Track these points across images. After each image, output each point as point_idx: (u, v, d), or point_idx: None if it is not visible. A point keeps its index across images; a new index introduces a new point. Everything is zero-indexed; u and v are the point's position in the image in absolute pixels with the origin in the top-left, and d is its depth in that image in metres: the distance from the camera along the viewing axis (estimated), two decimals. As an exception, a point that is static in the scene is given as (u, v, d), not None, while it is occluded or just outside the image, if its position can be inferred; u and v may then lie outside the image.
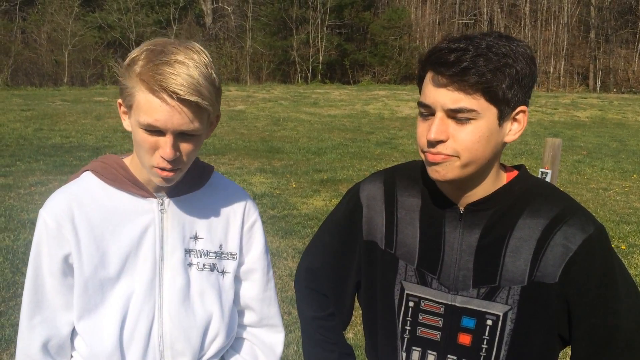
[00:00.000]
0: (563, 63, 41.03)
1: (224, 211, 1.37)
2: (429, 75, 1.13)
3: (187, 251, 1.30)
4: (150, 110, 1.12)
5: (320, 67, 39.77)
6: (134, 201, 1.26)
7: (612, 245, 1.20)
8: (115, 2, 37.12)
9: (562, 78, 40.98)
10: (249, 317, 1.47)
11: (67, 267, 1.22)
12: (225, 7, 42.28)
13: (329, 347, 1.45)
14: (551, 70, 40.73)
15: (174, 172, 1.19)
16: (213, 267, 1.33)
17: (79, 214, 1.22)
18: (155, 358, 1.27)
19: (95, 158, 1.34)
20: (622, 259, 4.55)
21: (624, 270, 1.20)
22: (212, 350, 1.35)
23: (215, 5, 42.79)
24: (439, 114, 1.11)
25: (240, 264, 1.41)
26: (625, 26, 40.45)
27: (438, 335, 1.25)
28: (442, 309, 1.24)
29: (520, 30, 42.49)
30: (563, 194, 1.24)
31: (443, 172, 1.14)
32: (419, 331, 1.27)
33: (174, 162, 1.16)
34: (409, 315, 1.28)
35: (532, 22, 43.12)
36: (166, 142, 1.14)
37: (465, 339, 1.23)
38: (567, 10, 41.52)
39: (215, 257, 1.34)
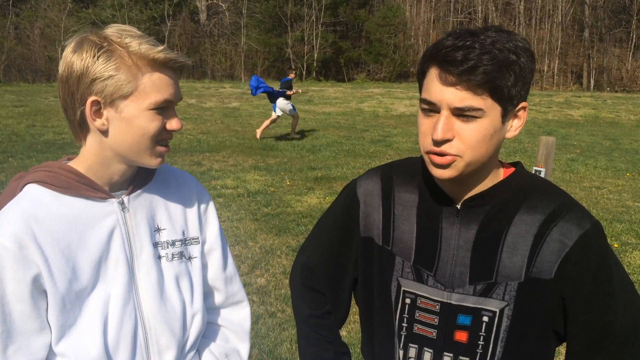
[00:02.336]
0: (557, 62, 41.18)
1: (179, 198, 1.37)
2: (433, 72, 1.10)
3: (155, 245, 1.28)
4: (163, 87, 1.16)
5: (315, 64, 39.76)
6: (93, 205, 1.21)
7: (608, 243, 1.20)
8: (109, -2, 36.96)
9: (556, 77, 41.13)
10: (216, 298, 1.46)
11: (36, 289, 1.13)
12: (220, 3, 42.16)
13: (324, 345, 1.44)
14: (545, 69, 40.86)
15: (169, 147, 1.24)
16: (181, 255, 1.33)
17: (39, 231, 1.13)
18: (143, 357, 1.25)
19: (26, 170, 1.25)
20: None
21: (620, 267, 1.20)
22: (192, 335, 1.35)
23: (209, 2, 42.66)
24: (445, 112, 1.09)
25: (202, 247, 1.40)
26: (619, 25, 40.61)
27: (434, 333, 1.25)
28: (437, 307, 1.24)
29: (515, 28, 42.56)
30: (560, 190, 1.24)
31: (448, 172, 1.13)
32: (416, 328, 1.27)
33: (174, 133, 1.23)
34: (406, 312, 1.28)
35: (526, 20, 43.24)
36: (172, 113, 1.21)
37: (461, 336, 1.22)
38: (561, 9, 41.66)
39: (181, 245, 1.33)
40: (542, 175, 4.18)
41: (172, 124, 1.20)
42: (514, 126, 1.16)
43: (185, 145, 12.21)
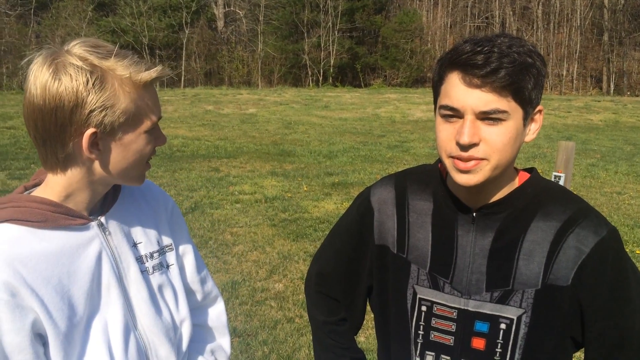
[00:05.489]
0: (576, 66, 40.75)
1: (148, 208, 1.34)
2: (455, 77, 1.10)
3: (138, 259, 1.26)
4: (155, 106, 1.14)
5: (331, 70, 39.82)
6: (74, 234, 1.13)
7: (627, 250, 1.19)
8: (128, 7, 37.44)
9: (575, 81, 40.69)
10: (194, 299, 1.46)
11: (34, 335, 1.06)
12: (237, 11, 42.46)
13: (340, 351, 1.44)
14: (564, 73, 40.46)
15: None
16: (161, 266, 1.31)
17: (27, 273, 1.04)
18: None
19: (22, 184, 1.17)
20: (637, 264, 4.49)
21: (637, 273, 1.19)
22: (185, 340, 1.35)
23: (227, 10, 42.99)
24: (469, 117, 1.08)
25: (176, 252, 1.39)
26: (639, 29, 40.07)
27: (451, 340, 1.25)
28: (454, 314, 1.24)
29: (533, 33, 42.27)
30: (575, 196, 1.23)
31: (475, 178, 1.12)
32: (432, 335, 1.27)
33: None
34: (422, 320, 1.28)
35: (544, 24, 42.87)
36: (158, 129, 1.18)
37: (479, 344, 1.22)
38: (579, 12, 41.26)
39: (159, 255, 1.31)
40: (562, 180, 4.14)
41: (160, 141, 1.18)
42: (532, 129, 1.17)
43: (203, 151, 12.30)
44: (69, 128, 1.04)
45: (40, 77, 1.03)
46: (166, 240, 1.35)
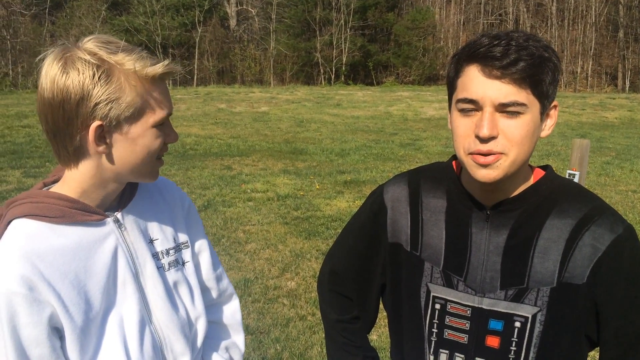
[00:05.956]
0: (591, 63, 40.35)
1: (164, 205, 1.35)
2: (473, 70, 1.10)
3: (154, 256, 1.27)
4: (164, 101, 1.13)
5: (343, 68, 39.77)
6: (91, 230, 1.15)
7: (643, 248, 1.18)
8: (142, 6, 37.68)
9: (589, 78, 40.31)
10: (209, 296, 1.48)
11: (51, 329, 1.08)
12: (250, 9, 42.56)
13: (352, 350, 1.44)
14: (579, 70, 40.09)
15: (162, 161, 1.22)
16: (176, 263, 1.32)
17: (45, 268, 1.06)
18: None
19: (3, 205, 1.15)
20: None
21: None
22: (200, 337, 1.37)
23: (239, 8, 43.10)
24: (488, 109, 1.08)
25: (192, 249, 1.40)
26: (656, 25, 39.56)
27: (465, 338, 1.24)
28: (468, 312, 1.23)
29: (547, 30, 41.92)
30: (591, 193, 1.23)
31: (494, 173, 1.11)
32: (446, 334, 1.27)
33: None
34: (436, 318, 1.28)
35: (559, 21, 42.50)
36: (169, 126, 1.18)
37: (493, 342, 1.21)
38: (594, 9, 40.85)
39: (175, 252, 1.33)
40: (577, 178, 4.11)
41: (171, 138, 1.18)
42: (547, 125, 1.17)
43: (215, 149, 12.35)
44: (75, 121, 1.06)
45: (50, 72, 1.06)
46: (182, 238, 1.36)
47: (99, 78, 1.04)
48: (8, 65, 30.66)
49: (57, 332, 1.09)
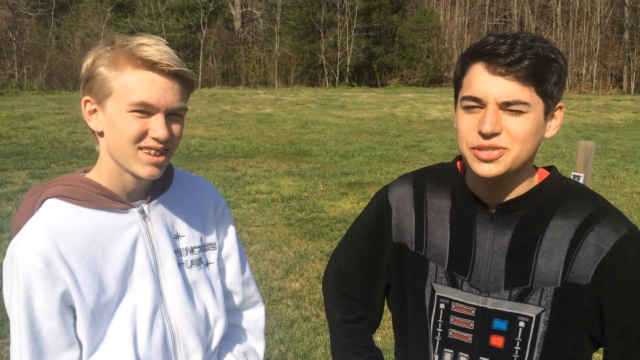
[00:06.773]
0: (596, 64, 40.23)
1: (196, 204, 1.36)
2: (478, 67, 1.11)
3: (176, 252, 1.29)
4: (142, 87, 1.10)
5: (347, 70, 39.77)
6: (114, 217, 1.20)
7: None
8: (147, 8, 37.78)
9: (594, 80, 40.19)
10: (234, 300, 1.48)
11: (64, 306, 1.13)
12: (254, 11, 42.62)
13: (357, 350, 1.45)
14: (584, 72, 39.98)
15: (163, 157, 1.17)
16: (200, 262, 1.34)
17: (64, 247, 1.12)
18: None
19: (42, 184, 1.24)
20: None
21: None
22: (216, 337, 1.37)
23: (244, 10, 43.16)
24: (491, 106, 1.09)
25: (219, 252, 1.41)
26: (661, 26, 39.43)
27: (470, 338, 1.25)
28: (473, 311, 1.24)
29: (552, 31, 41.82)
30: (595, 194, 1.23)
31: (496, 169, 1.11)
32: (451, 333, 1.27)
33: (165, 143, 1.15)
34: (440, 317, 1.28)
35: (563, 23, 42.40)
36: (158, 120, 1.13)
37: (497, 341, 1.22)
38: (599, 11, 40.72)
39: (200, 252, 1.34)
40: (581, 180, 4.10)
41: (157, 133, 1.13)
42: (552, 126, 1.18)
43: (220, 151, 12.37)
44: (81, 98, 1.18)
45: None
46: (210, 239, 1.38)
47: (96, 59, 1.13)
48: (14, 66, 30.79)
49: (71, 310, 1.14)
